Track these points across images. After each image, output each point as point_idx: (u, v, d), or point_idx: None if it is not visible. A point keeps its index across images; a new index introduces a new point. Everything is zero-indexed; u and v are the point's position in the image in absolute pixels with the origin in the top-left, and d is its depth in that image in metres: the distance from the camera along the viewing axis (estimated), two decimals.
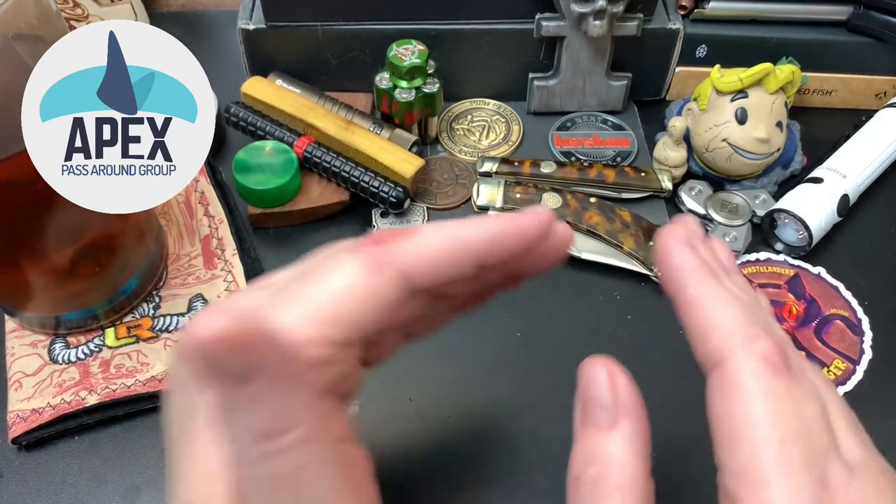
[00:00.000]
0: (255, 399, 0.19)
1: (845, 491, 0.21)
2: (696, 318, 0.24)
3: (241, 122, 0.47)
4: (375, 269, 0.22)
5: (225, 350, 0.18)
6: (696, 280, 0.24)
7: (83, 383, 0.37)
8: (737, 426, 0.22)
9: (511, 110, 0.53)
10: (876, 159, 0.47)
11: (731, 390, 0.22)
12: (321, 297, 0.21)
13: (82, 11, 0.51)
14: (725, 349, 0.23)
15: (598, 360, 0.24)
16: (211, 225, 0.44)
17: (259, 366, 0.19)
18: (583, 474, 0.23)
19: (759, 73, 0.44)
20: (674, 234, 0.26)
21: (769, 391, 0.22)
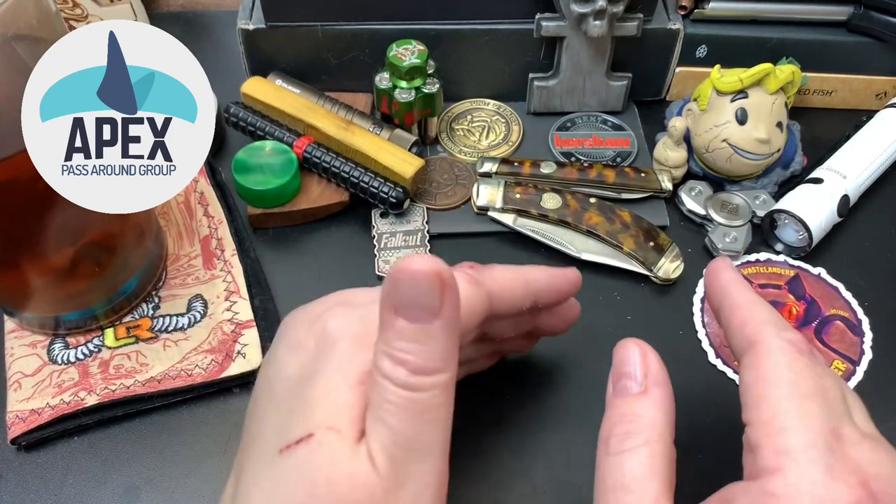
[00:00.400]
0: (425, 336, 0.23)
1: (857, 446, 0.23)
2: (738, 316, 0.28)
3: (240, 123, 0.47)
4: (473, 283, 0.27)
5: (434, 284, 0.22)
6: (739, 288, 0.29)
7: (82, 384, 0.37)
8: (763, 386, 0.25)
9: (511, 110, 0.53)
10: (876, 160, 0.47)
11: (761, 360, 0.25)
12: None
13: (82, 11, 0.51)
14: (759, 333, 0.26)
15: (631, 340, 0.27)
16: (210, 225, 0.44)
17: (445, 309, 0.23)
18: (612, 433, 0.25)
19: (759, 73, 0.44)
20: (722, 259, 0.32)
21: (794, 362, 0.25)
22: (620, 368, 0.27)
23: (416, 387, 0.23)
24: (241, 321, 0.40)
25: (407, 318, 0.23)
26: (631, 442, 0.24)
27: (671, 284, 0.43)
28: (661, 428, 0.25)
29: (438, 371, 0.23)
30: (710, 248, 0.45)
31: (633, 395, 0.26)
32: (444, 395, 0.24)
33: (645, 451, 0.24)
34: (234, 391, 0.38)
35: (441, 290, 0.22)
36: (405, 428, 0.23)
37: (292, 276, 0.43)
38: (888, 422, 0.38)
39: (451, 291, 0.23)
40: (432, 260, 0.22)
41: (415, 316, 0.23)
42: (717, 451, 0.36)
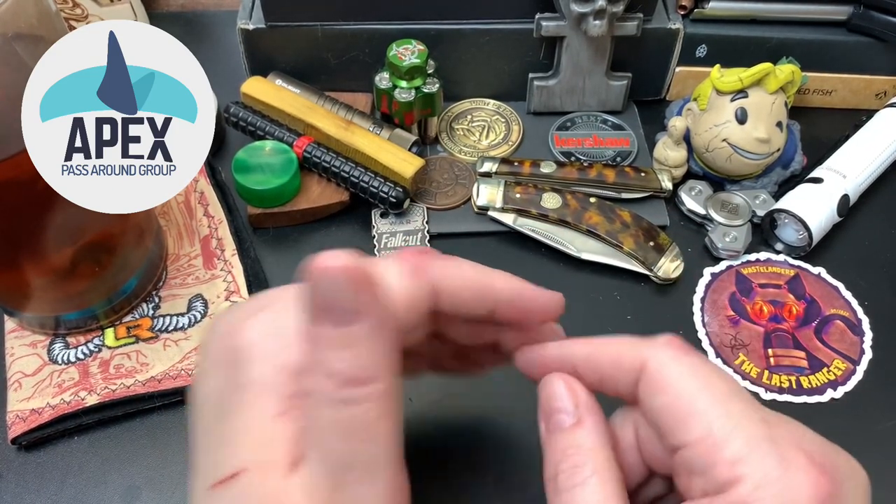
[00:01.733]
0: (353, 341, 0.21)
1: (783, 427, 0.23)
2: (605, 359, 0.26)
3: (240, 122, 0.47)
4: (415, 275, 0.24)
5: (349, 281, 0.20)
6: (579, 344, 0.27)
7: (83, 383, 0.37)
8: (681, 405, 0.23)
9: (511, 110, 0.53)
10: (876, 159, 0.47)
11: (662, 380, 0.24)
12: None
13: (82, 11, 0.51)
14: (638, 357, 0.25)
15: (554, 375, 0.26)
16: (210, 225, 0.44)
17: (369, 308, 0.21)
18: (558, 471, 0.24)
19: (759, 73, 0.44)
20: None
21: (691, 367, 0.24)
22: (549, 404, 0.26)
23: (350, 400, 0.21)
24: None
25: (328, 322, 0.21)
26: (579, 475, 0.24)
27: (671, 284, 0.43)
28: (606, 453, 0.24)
29: (371, 380, 0.21)
30: (710, 248, 0.45)
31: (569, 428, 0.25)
32: (383, 406, 0.21)
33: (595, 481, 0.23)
34: None
35: (360, 286, 0.20)
36: (341, 448, 0.21)
37: (292, 276, 0.43)
38: (888, 421, 0.38)
39: (372, 287, 0.21)
40: (345, 254, 0.20)
41: (336, 320, 0.20)
42: None
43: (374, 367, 0.21)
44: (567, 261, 0.44)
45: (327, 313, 0.21)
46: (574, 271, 0.44)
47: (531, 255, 0.45)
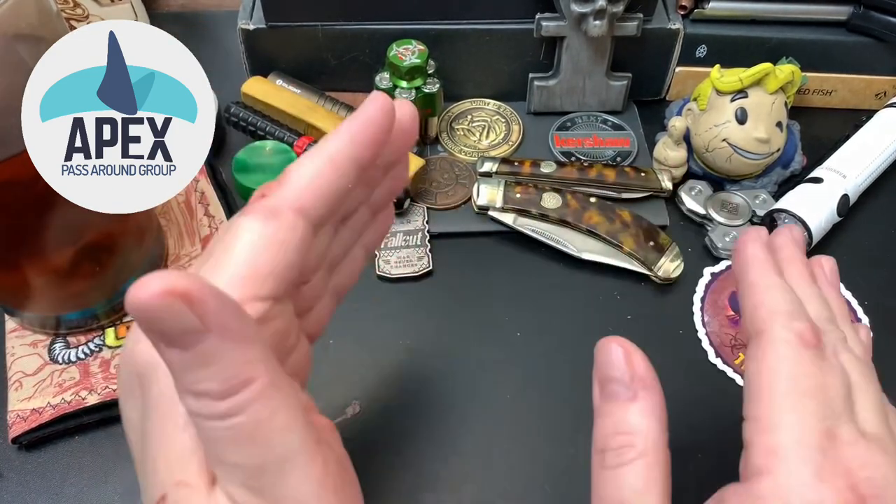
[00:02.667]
0: (209, 357, 0.19)
1: (851, 447, 0.23)
2: (751, 300, 0.27)
3: (241, 122, 0.47)
4: (271, 217, 0.23)
5: (173, 303, 0.18)
6: (757, 268, 0.28)
7: (83, 383, 0.37)
8: (763, 380, 0.24)
9: (511, 110, 0.53)
10: (876, 159, 0.47)
11: (765, 352, 0.25)
12: (237, 259, 0.22)
13: (82, 11, 0.51)
14: (767, 321, 0.26)
15: (613, 339, 0.25)
16: (211, 225, 0.44)
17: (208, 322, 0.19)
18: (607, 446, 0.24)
19: (759, 73, 0.44)
20: (754, 230, 0.30)
21: (797, 356, 0.24)
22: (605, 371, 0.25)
23: (231, 412, 0.20)
24: None
25: (178, 346, 0.19)
26: (626, 455, 0.23)
27: (671, 284, 0.43)
28: (655, 437, 0.24)
29: (246, 383, 0.20)
30: (710, 248, 0.45)
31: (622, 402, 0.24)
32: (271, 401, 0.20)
33: (641, 464, 0.23)
34: None
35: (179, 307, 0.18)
36: (244, 458, 0.20)
37: None
38: None
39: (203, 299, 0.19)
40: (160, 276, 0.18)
41: (184, 342, 0.19)
42: (717, 451, 0.36)
43: (241, 371, 0.20)
44: (567, 261, 0.44)
45: (168, 340, 0.19)
46: (574, 271, 0.44)
47: (531, 255, 0.45)
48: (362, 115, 0.25)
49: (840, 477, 0.22)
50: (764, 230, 0.30)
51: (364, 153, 0.25)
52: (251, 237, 0.22)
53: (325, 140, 0.24)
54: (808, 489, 0.22)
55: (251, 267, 0.22)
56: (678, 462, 0.25)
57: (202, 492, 0.21)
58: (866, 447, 0.23)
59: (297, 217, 0.23)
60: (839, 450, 0.23)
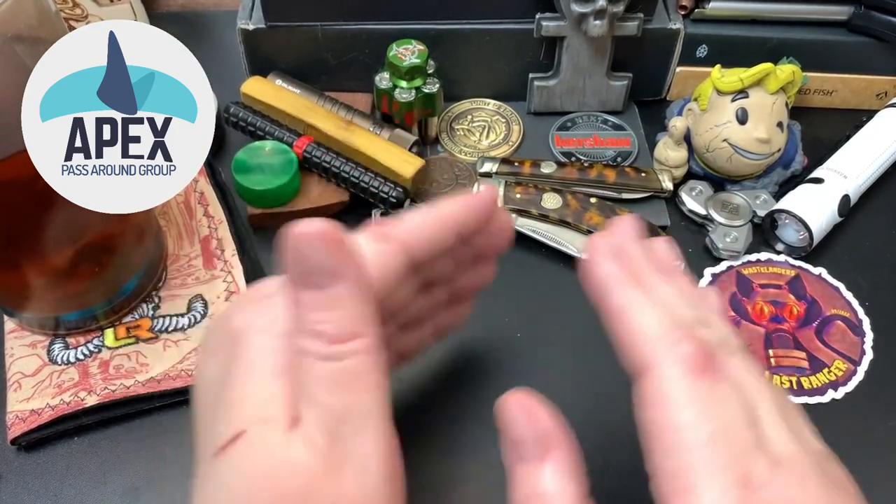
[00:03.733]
0: (336, 302, 0.22)
1: (768, 488, 0.21)
2: (622, 327, 0.25)
3: (240, 122, 0.47)
4: (380, 239, 0.26)
5: (324, 244, 0.22)
6: (619, 288, 0.25)
7: (82, 384, 0.37)
8: (665, 433, 0.23)
9: (511, 110, 0.53)
10: (877, 159, 0.47)
11: (657, 398, 0.23)
12: None
13: (82, 11, 0.51)
14: (649, 357, 0.23)
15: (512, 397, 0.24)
16: (210, 225, 0.44)
17: (345, 268, 0.22)
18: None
19: (759, 73, 0.44)
20: (597, 244, 0.27)
21: (692, 396, 0.22)
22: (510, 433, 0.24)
23: (338, 356, 0.22)
24: None
25: (310, 286, 0.22)
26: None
27: None
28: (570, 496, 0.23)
29: (356, 336, 0.22)
30: (711, 248, 0.45)
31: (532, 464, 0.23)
32: (370, 359, 0.23)
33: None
34: None
35: (335, 249, 0.22)
36: (335, 401, 0.22)
37: None
38: (888, 422, 0.38)
39: (346, 249, 0.22)
40: (319, 221, 0.22)
41: (317, 283, 0.22)
42: None
43: (356, 323, 0.23)
44: (567, 261, 0.44)
45: (307, 277, 0.22)
46: (574, 271, 0.44)
47: (531, 255, 0.45)
48: (475, 196, 0.30)
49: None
50: (607, 233, 0.27)
51: (467, 224, 0.29)
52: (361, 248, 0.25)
53: (440, 203, 0.29)
54: None
55: None
56: None
57: (282, 431, 0.22)
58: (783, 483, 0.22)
59: (401, 248, 0.26)
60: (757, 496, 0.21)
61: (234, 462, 0.22)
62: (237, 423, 0.23)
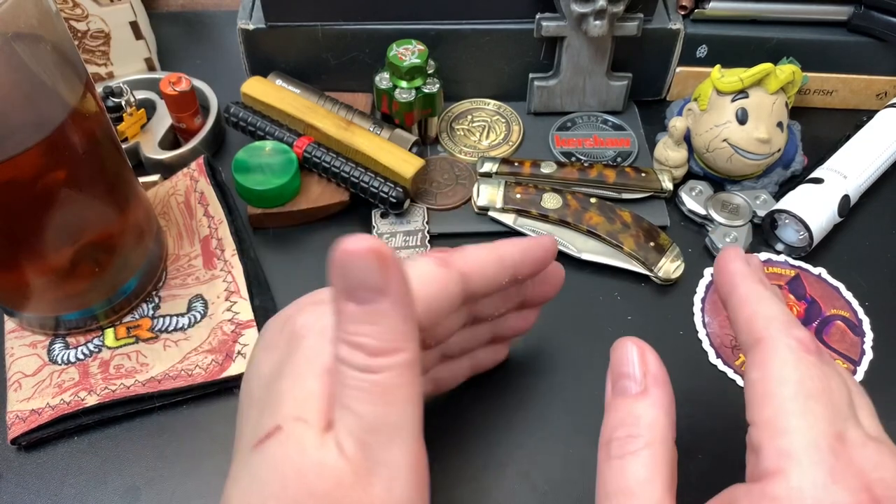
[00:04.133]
0: (377, 317, 0.23)
1: (861, 449, 0.23)
2: (745, 311, 0.27)
3: (240, 122, 0.47)
4: (443, 265, 0.27)
5: (372, 261, 0.22)
6: (746, 282, 0.28)
7: (82, 384, 0.37)
8: (768, 385, 0.24)
9: (511, 110, 0.53)
10: (877, 159, 0.47)
11: (767, 358, 0.25)
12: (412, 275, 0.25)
13: (82, 11, 0.51)
14: (766, 330, 0.26)
15: (629, 338, 0.27)
16: (210, 225, 0.44)
17: (389, 287, 0.23)
18: (613, 437, 0.25)
19: (759, 73, 0.44)
20: (732, 248, 0.31)
21: (800, 361, 0.25)
22: (619, 368, 0.26)
23: (376, 368, 0.23)
24: (242, 321, 0.40)
25: (356, 300, 0.23)
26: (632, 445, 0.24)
27: (671, 284, 0.43)
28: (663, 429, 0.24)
29: (396, 351, 0.23)
30: (711, 248, 0.45)
31: (632, 396, 0.25)
32: (407, 374, 0.23)
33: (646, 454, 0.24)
34: (234, 391, 0.38)
35: (382, 266, 0.22)
36: (370, 411, 0.23)
37: (292, 276, 0.43)
38: (888, 422, 0.38)
39: (393, 267, 0.23)
40: (368, 238, 0.22)
41: (363, 297, 0.23)
42: (718, 452, 0.36)
43: (397, 339, 0.23)
44: (567, 261, 0.44)
45: (353, 291, 0.23)
46: (574, 271, 0.44)
47: None
48: (538, 241, 0.32)
49: (853, 478, 0.22)
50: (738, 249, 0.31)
51: (524, 266, 0.31)
52: (423, 270, 0.27)
53: (502, 242, 0.30)
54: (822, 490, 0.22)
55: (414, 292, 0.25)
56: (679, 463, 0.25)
57: (316, 432, 0.23)
58: (876, 449, 0.23)
59: (460, 277, 0.28)
60: (850, 452, 0.23)
61: (269, 456, 0.23)
62: (277, 416, 0.23)
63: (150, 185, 0.46)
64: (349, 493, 0.22)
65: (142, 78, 0.52)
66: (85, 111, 0.33)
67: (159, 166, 0.47)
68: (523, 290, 0.34)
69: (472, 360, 0.35)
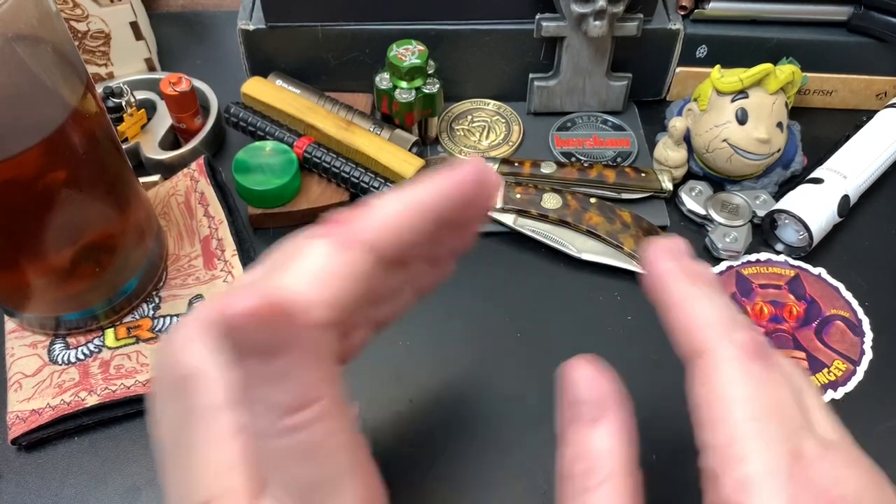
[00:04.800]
0: (287, 372, 0.20)
1: (819, 463, 0.22)
2: (680, 316, 0.25)
3: (241, 123, 0.47)
4: (343, 247, 0.23)
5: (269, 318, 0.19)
6: (678, 282, 0.26)
7: (83, 384, 0.37)
8: (716, 407, 0.23)
9: (511, 111, 0.53)
10: (876, 160, 0.47)
11: (711, 375, 0.23)
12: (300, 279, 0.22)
13: (82, 11, 0.51)
14: (706, 341, 0.24)
15: (579, 360, 0.25)
16: (211, 225, 0.44)
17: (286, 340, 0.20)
18: (572, 471, 0.23)
19: (759, 73, 0.44)
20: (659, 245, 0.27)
21: (746, 374, 0.23)
22: (572, 393, 0.24)
23: (294, 427, 0.20)
24: None
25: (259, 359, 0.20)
26: (592, 480, 0.23)
27: None
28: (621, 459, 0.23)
29: (311, 403, 0.20)
30: (711, 248, 0.45)
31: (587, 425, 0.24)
32: (329, 423, 0.21)
33: (607, 489, 0.23)
34: None
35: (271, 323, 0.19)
36: (303, 472, 0.21)
37: None
38: (888, 422, 0.38)
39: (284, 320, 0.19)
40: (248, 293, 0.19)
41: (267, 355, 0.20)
42: None
43: (311, 389, 0.20)
44: (567, 261, 0.44)
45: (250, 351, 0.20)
46: (574, 271, 0.44)
47: (531, 256, 0.45)
48: (457, 175, 0.25)
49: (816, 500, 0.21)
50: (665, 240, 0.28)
51: (447, 211, 0.25)
52: (320, 262, 0.22)
53: (414, 186, 0.24)
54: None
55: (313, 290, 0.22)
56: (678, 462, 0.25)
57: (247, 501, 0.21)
58: (832, 462, 0.22)
59: (368, 252, 0.23)
60: (808, 472, 0.22)
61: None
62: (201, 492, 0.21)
63: (150, 185, 0.46)
64: None
65: (142, 78, 0.52)
66: (85, 111, 0.33)
67: (159, 166, 0.47)
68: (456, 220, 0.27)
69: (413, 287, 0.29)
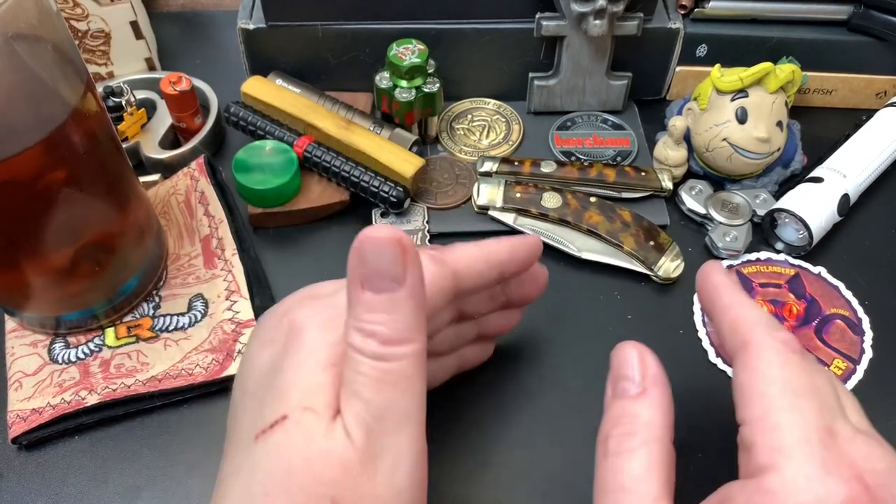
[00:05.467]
0: (392, 306, 0.23)
1: (851, 442, 0.23)
2: (729, 315, 0.28)
3: (241, 122, 0.47)
4: (437, 262, 0.28)
5: (393, 250, 0.23)
6: (730, 290, 0.29)
7: (83, 383, 0.37)
8: (756, 385, 0.25)
9: (511, 110, 0.53)
10: (876, 159, 0.47)
11: (754, 360, 0.26)
12: None
13: (82, 11, 0.51)
14: (752, 334, 0.26)
15: (629, 343, 0.27)
16: (211, 225, 0.44)
17: (408, 276, 0.23)
18: (611, 434, 0.25)
19: (759, 72, 0.44)
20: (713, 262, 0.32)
21: (786, 361, 0.25)
22: (618, 371, 0.27)
23: (388, 357, 0.23)
24: (242, 320, 0.40)
25: (373, 289, 0.23)
26: (629, 443, 0.24)
27: (671, 284, 0.43)
28: (660, 428, 0.25)
29: (408, 341, 0.24)
30: (711, 248, 0.45)
31: (631, 397, 0.26)
32: (416, 365, 0.24)
33: (643, 452, 0.24)
34: None
35: (402, 256, 0.23)
36: (378, 399, 0.23)
37: (293, 276, 0.43)
38: (889, 421, 0.38)
39: (412, 259, 0.23)
40: (392, 228, 0.23)
41: (380, 286, 0.23)
42: (717, 451, 0.36)
43: (410, 329, 0.24)
44: (567, 260, 0.44)
45: (370, 279, 0.23)
46: (574, 271, 0.44)
47: None
48: (524, 241, 0.33)
49: (845, 469, 0.22)
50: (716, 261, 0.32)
51: (510, 265, 0.32)
52: None
53: (489, 241, 0.31)
54: (816, 482, 0.22)
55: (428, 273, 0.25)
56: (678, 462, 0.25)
57: (324, 420, 0.23)
58: (865, 442, 0.24)
59: (452, 274, 0.28)
60: (840, 445, 0.23)
61: (273, 446, 0.23)
62: (282, 407, 0.24)
63: (150, 184, 0.46)
64: (354, 479, 0.23)
65: (142, 77, 0.52)
66: (85, 111, 0.33)
67: (159, 166, 0.47)
68: (507, 289, 0.35)
69: (458, 358, 0.36)
